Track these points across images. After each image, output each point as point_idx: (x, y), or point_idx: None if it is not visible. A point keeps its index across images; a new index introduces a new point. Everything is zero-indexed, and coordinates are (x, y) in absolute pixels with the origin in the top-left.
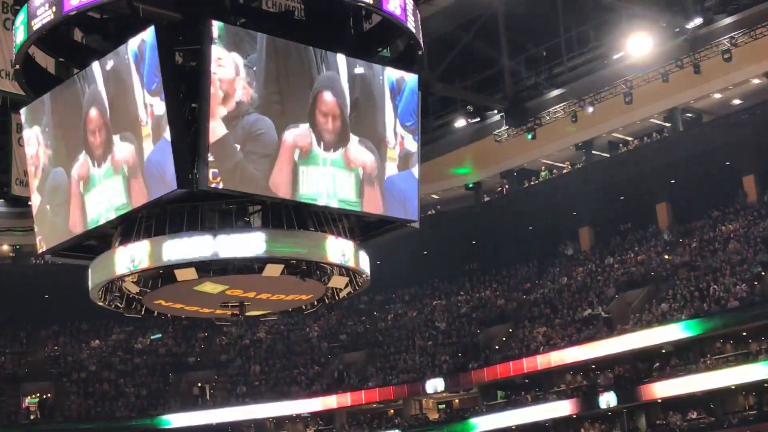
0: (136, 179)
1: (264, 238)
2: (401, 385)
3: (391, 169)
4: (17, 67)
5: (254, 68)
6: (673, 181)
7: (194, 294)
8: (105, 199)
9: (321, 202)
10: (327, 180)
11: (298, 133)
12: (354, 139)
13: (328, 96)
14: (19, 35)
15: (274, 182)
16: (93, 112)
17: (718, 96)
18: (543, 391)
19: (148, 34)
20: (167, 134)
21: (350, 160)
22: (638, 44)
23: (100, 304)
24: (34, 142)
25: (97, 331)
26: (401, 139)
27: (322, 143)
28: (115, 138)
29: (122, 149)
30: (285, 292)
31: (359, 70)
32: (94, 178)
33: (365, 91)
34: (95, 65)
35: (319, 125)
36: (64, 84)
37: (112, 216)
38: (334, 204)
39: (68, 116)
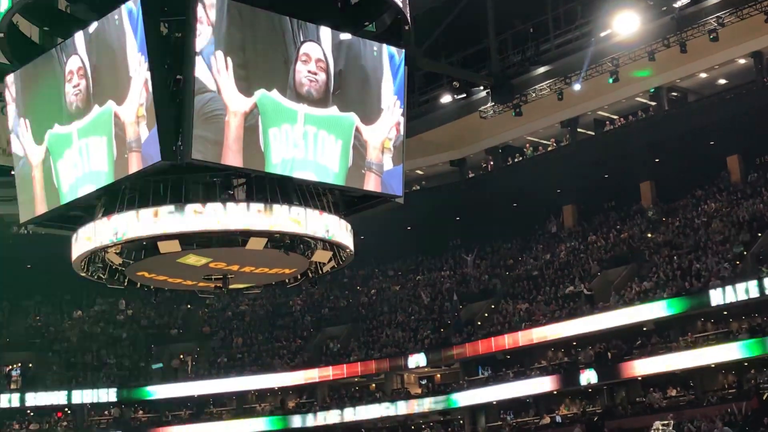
0: (120, 162)
1: (248, 211)
2: (383, 359)
3: (387, 162)
4: (1, 35)
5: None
6: (657, 160)
7: (177, 266)
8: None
9: (297, 173)
10: (305, 144)
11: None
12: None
13: (312, 48)
14: (3, 3)
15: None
16: (73, 82)
17: (703, 75)
18: (524, 367)
19: (135, 3)
20: None
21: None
22: (625, 22)
23: (83, 274)
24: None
25: (79, 301)
26: (397, 123)
27: (299, 97)
28: (97, 113)
29: (105, 129)
30: (268, 265)
31: (345, 36)
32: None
33: (354, 63)
34: (81, 41)
35: (299, 80)
36: (38, 60)
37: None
38: (312, 176)
39: (43, 97)
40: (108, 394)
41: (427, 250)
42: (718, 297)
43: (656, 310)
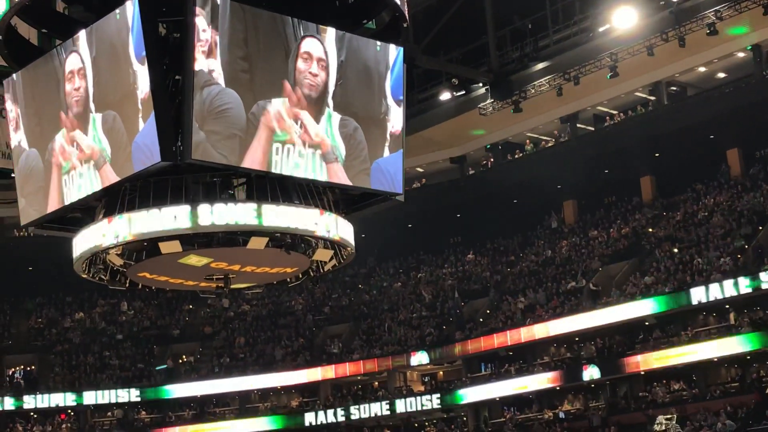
0: (120, 156)
1: (251, 210)
2: (386, 357)
3: (384, 151)
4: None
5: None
6: (657, 155)
7: (179, 266)
8: (86, 180)
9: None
10: (306, 163)
11: (274, 111)
12: (336, 118)
13: (313, 45)
14: (1, 6)
15: (246, 163)
16: (75, 84)
17: (702, 69)
18: (527, 363)
19: (132, 4)
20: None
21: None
22: (624, 17)
23: (84, 276)
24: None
25: (81, 303)
26: (393, 116)
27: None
28: (98, 115)
29: (107, 126)
30: (270, 264)
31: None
32: (73, 159)
33: (355, 55)
34: (82, 33)
35: (299, 79)
36: (41, 58)
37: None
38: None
39: (44, 91)
40: (118, 395)
41: (428, 248)
42: (718, 291)
43: (658, 304)
